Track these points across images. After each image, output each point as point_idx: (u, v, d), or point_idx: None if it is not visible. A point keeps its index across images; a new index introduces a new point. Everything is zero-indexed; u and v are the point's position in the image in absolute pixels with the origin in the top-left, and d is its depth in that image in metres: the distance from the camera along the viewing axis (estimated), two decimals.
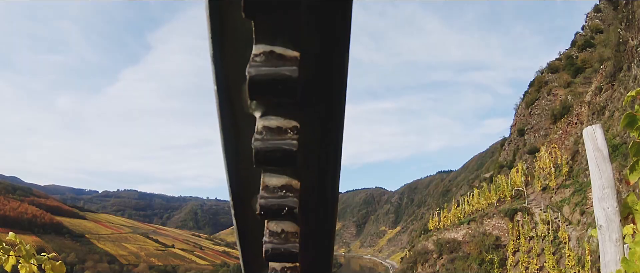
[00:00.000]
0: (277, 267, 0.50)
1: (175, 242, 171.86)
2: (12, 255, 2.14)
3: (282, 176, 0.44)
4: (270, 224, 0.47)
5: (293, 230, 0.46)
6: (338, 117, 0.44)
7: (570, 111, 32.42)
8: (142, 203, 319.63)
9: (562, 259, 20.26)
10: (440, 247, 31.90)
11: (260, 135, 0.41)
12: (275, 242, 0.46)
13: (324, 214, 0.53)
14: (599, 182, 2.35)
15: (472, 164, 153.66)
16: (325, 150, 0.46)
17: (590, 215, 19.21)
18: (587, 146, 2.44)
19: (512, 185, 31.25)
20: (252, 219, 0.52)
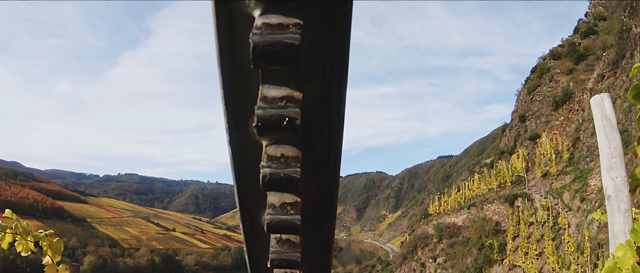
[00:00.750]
0: (275, 202, 0.47)
1: (176, 226, 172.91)
2: (8, 233, 2.12)
3: (282, 88, 0.41)
4: (269, 148, 0.44)
5: (294, 154, 0.43)
6: (344, 19, 0.40)
7: (572, 97, 32.27)
8: (143, 187, 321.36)
9: (561, 245, 20.34)
10: (440, 231, 32.03)
11: (259, 30, 0.38)
12: (273, 166, 0.43)
13: (329, 137, 0.48)
14: (608, 151, 2.29)
15: (473, 149, 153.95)
16: (331, 55, 0.42)
17: (591, 201, 19.27)
18: (595, 115, 2.37)
19: (512, 170, 31.26)
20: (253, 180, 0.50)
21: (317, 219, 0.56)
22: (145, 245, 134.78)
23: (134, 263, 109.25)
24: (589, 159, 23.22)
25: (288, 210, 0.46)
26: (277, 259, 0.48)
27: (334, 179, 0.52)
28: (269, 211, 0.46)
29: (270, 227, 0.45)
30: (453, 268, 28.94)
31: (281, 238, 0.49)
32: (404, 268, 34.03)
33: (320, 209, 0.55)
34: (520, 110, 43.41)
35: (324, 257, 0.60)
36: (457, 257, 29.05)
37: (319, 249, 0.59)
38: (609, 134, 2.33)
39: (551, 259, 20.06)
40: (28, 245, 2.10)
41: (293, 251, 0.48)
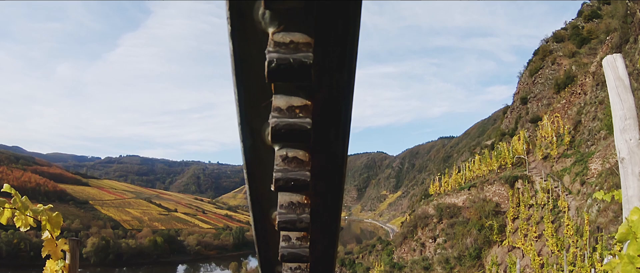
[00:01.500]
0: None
1: (177, 206, 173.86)
2: (7, 208, 2.09)
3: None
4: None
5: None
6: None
7: (574, 81, 32.02)
8: (144, 168, 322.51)
9: (560, 228, 20.38)
10: (440, 211, 32.13)
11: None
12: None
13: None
14: (621, 112, 2.22)
15: (474, 131, 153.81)
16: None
17: (591, 185, 19.26)
18: (608, 76, 2.30)
19: (513, 152, 31.19)
20: None
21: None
22: (147, 225, 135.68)
23: (136, 244, 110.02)
24: (590, 142, 23.15)
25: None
26: (283, 178, 0.46)
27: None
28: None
29: (274, 133, 0.44)
30: (452, 249, 29.07)
31: (287, 156, 0.47)
32: (404, 248, 34.17)
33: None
34: (522, 92, 43.09)
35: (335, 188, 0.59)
36: (457, 237, 29.18)
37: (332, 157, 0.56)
38: (622, 95, 2.26)
39: (550, 241, 20.13)
40: (27, 220, 2.09)
41: (301, 168, 0.47)
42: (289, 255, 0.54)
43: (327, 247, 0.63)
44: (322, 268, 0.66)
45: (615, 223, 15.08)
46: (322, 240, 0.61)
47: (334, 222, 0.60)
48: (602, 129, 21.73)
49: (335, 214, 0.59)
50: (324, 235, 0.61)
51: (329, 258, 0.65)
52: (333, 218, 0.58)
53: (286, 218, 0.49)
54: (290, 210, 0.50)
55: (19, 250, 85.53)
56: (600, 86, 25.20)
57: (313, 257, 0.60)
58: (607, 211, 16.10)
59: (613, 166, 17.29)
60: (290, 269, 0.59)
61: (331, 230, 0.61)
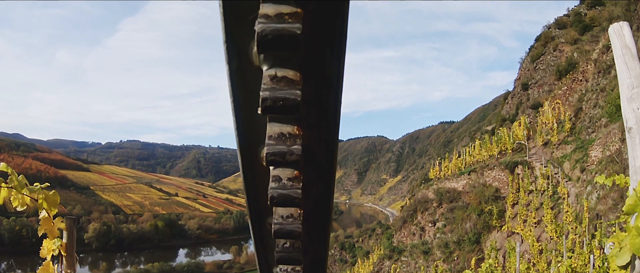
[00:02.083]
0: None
1: (178, 191, 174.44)
2: (3, 187, 2.07)
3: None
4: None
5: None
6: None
7: (576, 68, 31.81)
8: (145, 152, 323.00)
9: (560, 214, 20.45)
10: (440, 196, 32.20)
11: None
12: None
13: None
14: (628, 81, 2.19)
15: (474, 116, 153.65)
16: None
17: (591, 172, 19.27)
18: (614, 44, 2.25)
19: (513, 138, 31.16)
20: None
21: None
22: (148, 210, 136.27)
23: (137, 229, 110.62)
24: (590, 130, 23.09)
25: None
26: (271, 98, 0.44)
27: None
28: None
29: (261, 40, 0.42)
30: (452, 233, 29.19)
31: (276, 75, 0.45)
32: (404, 232, 34.33)
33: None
34: (523, 78, 42.85)
35: None
36: (457, 222, 29.28)
37: None
38: (629, 64, 2.21)
39: (549, 228, 20.22)
40: (24, 199, 2.06)
41: (291, 88, 0.44)
42: (278, 197, 0.49)
43: (322, 194, 0.58)
44: (317, 218, 0.60)
45: (615, 210, 15.13)
46: (316, 183, 0.56)
47: (330, 163, 0.54)
48: (603, 116, 21.65)
49: (331, 153, 0.53)
50: (319, 177, 0.56)
51: (325, 210, 0.60)
52: (329, 158, 0.53)
53: (275, 149, 0.46)
54: (280, 141, 0.46)
55: (20, 236, 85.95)
56: (602, 74, 25.05)
57: (307, 203, 0.55)
58: (606, 199, 16.13)
59: (613, 153, 17.30)
60: (282, 217, 0.53)
61: (327, 173, 0.55)
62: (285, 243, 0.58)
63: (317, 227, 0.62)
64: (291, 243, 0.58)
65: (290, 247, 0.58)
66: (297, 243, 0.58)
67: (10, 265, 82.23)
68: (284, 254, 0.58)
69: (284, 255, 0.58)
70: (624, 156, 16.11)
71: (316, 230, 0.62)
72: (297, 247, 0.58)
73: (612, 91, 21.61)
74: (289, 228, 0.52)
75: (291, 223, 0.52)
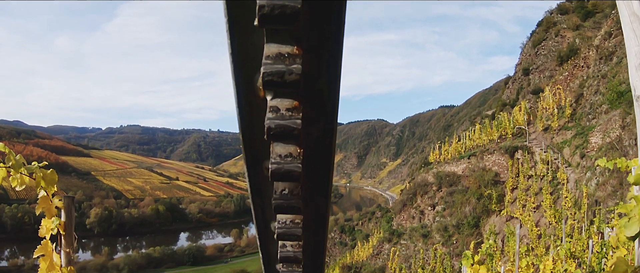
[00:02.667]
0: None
1: (179, 175, 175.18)
2: (1, 167, 2.08)
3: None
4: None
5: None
6: None
7: (578, 54, 31.58)
8: (145, 137, 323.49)
9: (559, 200, 20.51)
10: (439, 179, 32.18)
11: None
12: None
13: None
14: (636, 49, 2.17)
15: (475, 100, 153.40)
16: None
17: (590, 158, 19.27)
18: (622, 12, 2.23)
19: (514, 122, 31.09)
20: None
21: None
22: (149, 194, 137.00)
23: (138, 213, 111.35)
24: (591, 116, 23.02)
25: None
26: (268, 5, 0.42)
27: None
28: None
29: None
30: (451, 217, 29.28)
31: None
32: (403, 215, 34.39)
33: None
34: (524, 63, 42.57)
35: None
36: (456, 206, 29.34)
37: None
38: (636, 31, 2.19)
39: (548, 213, 20.30)
40: (23, 178, 2.07)
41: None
42: (276, 128, 0.46)
43: (324, 133, 0.54)
44: (318, 162, 0.57)
45: (614, 197, 15.18)
46: (317, 119, 0.52)
47: (333, 95, 0.50)
48: (603, 103, 21.58)
49: (334, 83, 0.49)
50: (321, 111, 0.51)
51: (327, 154, 0.56)
52: (332, 89, 0.49)
53: (273, 69, 0.44)
54: (278, 60, 0.44)
55: (23, 223, 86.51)
56: (604, 60, 24.88)
57: (307, 141, 0.52)
58: (606, 185, 16.18)
59: (613, 140, 17.29)
60: (280, 156, 0.49)
61: (330, 108, 0.51)
62: (284, 189, 0.54)
63: (318, 174, 0.58)
64: (290, 188, 0.54)
65: (289, 193, 0.54)
66: (296, 189, 0.54)
67: (13, 251, 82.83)
68: (283, 201, 0.54)
69: (283, 202, 0.54)
70: (624, 143, 16.11)
71: (317, 178, 0.59)
72: (296, 194, 0.54)
73: (614, 78, 21.50)
74: (288, 168, 0.49)
75: (290, 162, 0.49)
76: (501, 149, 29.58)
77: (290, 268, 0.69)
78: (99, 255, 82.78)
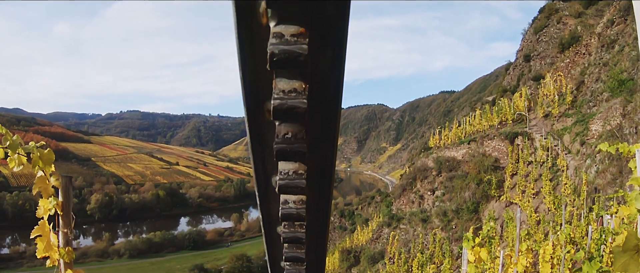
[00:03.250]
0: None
1: (179, 160, 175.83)
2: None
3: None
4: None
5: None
6: None
7: (580, 41, 31.34)
8: (145, 123, 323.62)
9: (558, 186, 20.52)
10: (439, 164, 32.16)
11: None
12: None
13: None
14: None
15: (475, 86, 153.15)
16: None
17: (591, 146, 19.25)
18: (637, 12, 2.24)
19: (514, 108, 31.01)
20: None
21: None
22: (149, 180, 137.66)
23: (139, 199, 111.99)
24: (592, 104, 22.94)
25: None
26: None
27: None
28: None
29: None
30: (451, 202, 29.34)
31: None
32: (403, 200, 34.50)
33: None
34: (526, 50, 42.27)
35: None
36: (456, 191, 29.37)
37: None
38: None
39: (547, 199, 20.34)
40: (20, 159, 2.03)
41: None
42: (280, 54, 0.43)
43: (333, 64, 0.47)
44: (325, 103, 0.51)
45: (613, 185, 15.21)
46: (325, 48, 0.46)
47: (342, 21, 0.44)
48: (604, 91, 21.47)
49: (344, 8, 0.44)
50: (329, 40, 0.45)
51: (335, 92, 0.50)
52: (341, 14, 0.44)
53: None
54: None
55: (24, 210, 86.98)
56: (606, 48, 24.69)
57: (314, 74, 0.47)
58: (605, 173, 16.20)
59: (614, 128, 17.27)
60: (283, 92, 0.46)
61: (339, 35, 0.45)
62: (287, 133, 0.49)
63: (324, 115, 0.52)
64: (294, 132, 0.49)
65: (292, 137, 0.49)
66: (301, 133, 0.48)
67: (14, 239, 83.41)
68: (285, 146, 0.49)
69: (285, 147, 0.49)
70: (624, 131, 16.09)
71: (323, 120, 0.52)
72: (301, 138, 0.49)
73: (615, 66, 21.38)
74: (292, 104, 0.45)
75: (294, 98, 0.45)
76: (501, 135, 29.54)
77: (293, 228, 0.63)
78: (100, 240, 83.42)
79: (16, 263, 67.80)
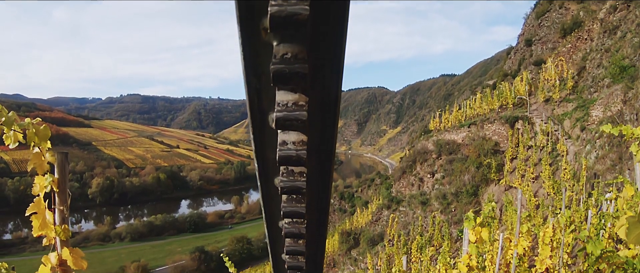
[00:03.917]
0: None
1: (179, 143, 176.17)
2: None
3: None
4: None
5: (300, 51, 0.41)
6: None
7: (582, 26, 31.08)
8: (145, 106, 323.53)
9: (557, 171, 20.58)
10: (439, 147, 32.10)
11: None
12: None
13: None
14: None
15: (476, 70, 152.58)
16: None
17: (591, 131, 19.26)
18: None
19: (515, 92, 30.95)
20: None
21: None
22: (150, 163, 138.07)
23: (139, 182, 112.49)
24: (593, 89, 22.83)
25: None
26: None
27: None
28: None
29: None
30: (450, 185, 29.33)
31: None
32: (403, 182, 34.53)
33: None
34: (527, 34, 41.95)
35: None
36: (455, 174, 29.36)
37: None
38: None
39: (547, 184, 20.37)
40: (16, 136, 1.99)
41: None
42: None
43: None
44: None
45: (613, 171, 15.28)
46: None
47: None
48: (606, 77, 21.36)
49: None
50: None
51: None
52: None
53: None
54: None
55: (25, 196, 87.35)
56: (608, 34, 24.50)
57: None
58: (605, 159, 16.25)
59: (614, 114, 17.26)
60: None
61: None
62: (286, 52, 0.44)
63: (328, 34, 0.45)
64: (293, 52, 0.44)
65: (292, 58, 0.44)
66: (301, 53, 0.44)
67: (16, 224, 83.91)
68: (284, 67, 0.44)
69: (284, 68, 0.44)
70: (624, 118, 16.10)
71: (327, 38, 0.45)
72: (301, 58, 0.44)
73: (617, 52, 21.26)
74: (291, 11, 0.40)
75: (295, 4, 0.40)
76: (501, 119, 29.50)
77: (292, 177, 0.55)
78: (102, 224, 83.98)
79: (18, 248, 68.20)
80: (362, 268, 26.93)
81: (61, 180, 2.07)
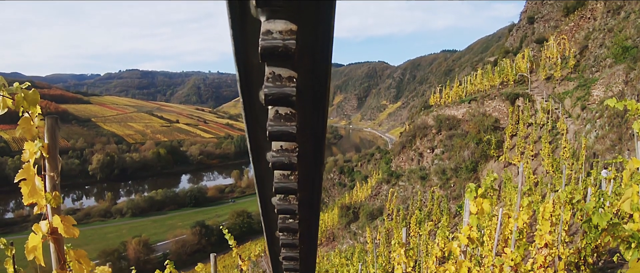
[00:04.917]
0: None
1: (179, 117, 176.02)
2: None
3: None
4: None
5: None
6: None
7: (585, 5, 30.67)
8: (144, 81, 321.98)
9: (557, 149, 20.66)
10: (439, 123, 32.07)
11: None
12: None
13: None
14: None
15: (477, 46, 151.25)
16: None
17: (591, 111, 19.28)
18: None
19: (516, 69, 30.81)
20: None
21: None
22: (150, 138, 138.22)
23: (140, 157, 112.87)
24: (594, 69, 22.71)
25: None
26: None
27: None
28: None
29: None
30: (450, 160, 29.39)
31: None
32: (402, 157, 34.64)
33: None
34: (530, 11, 41.45)
35: None
36: (455, 149, 29.39)
37: None
38: None
39: (546, 161, 20.48)
40: (5, 101, 1.92)
41: None
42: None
43: None
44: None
45: (612, 151, 15.37)
46: None
47: None
48: (608, 57, 21.23)
49: None
50: None
51: None
52: None
53: None
54: None
55: None
56: (611, 13, 24.25)
57: None
58: (604, 139, 16.32)
59: (616, 94, 17.25)
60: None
61: None
62: (276, 78, 0.44)
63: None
64: (283, 76, 0.44)
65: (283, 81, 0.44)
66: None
67: (18, 202, 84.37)
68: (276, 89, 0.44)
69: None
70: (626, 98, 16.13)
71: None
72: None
73: (620, 33, 21.08)
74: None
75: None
76: (502, 96, 29.40)
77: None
78: (103, 200, 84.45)
79: (20, 227, 68.29)
80: (361, 242, 27.25)
81: (51, 145, 2.01)
